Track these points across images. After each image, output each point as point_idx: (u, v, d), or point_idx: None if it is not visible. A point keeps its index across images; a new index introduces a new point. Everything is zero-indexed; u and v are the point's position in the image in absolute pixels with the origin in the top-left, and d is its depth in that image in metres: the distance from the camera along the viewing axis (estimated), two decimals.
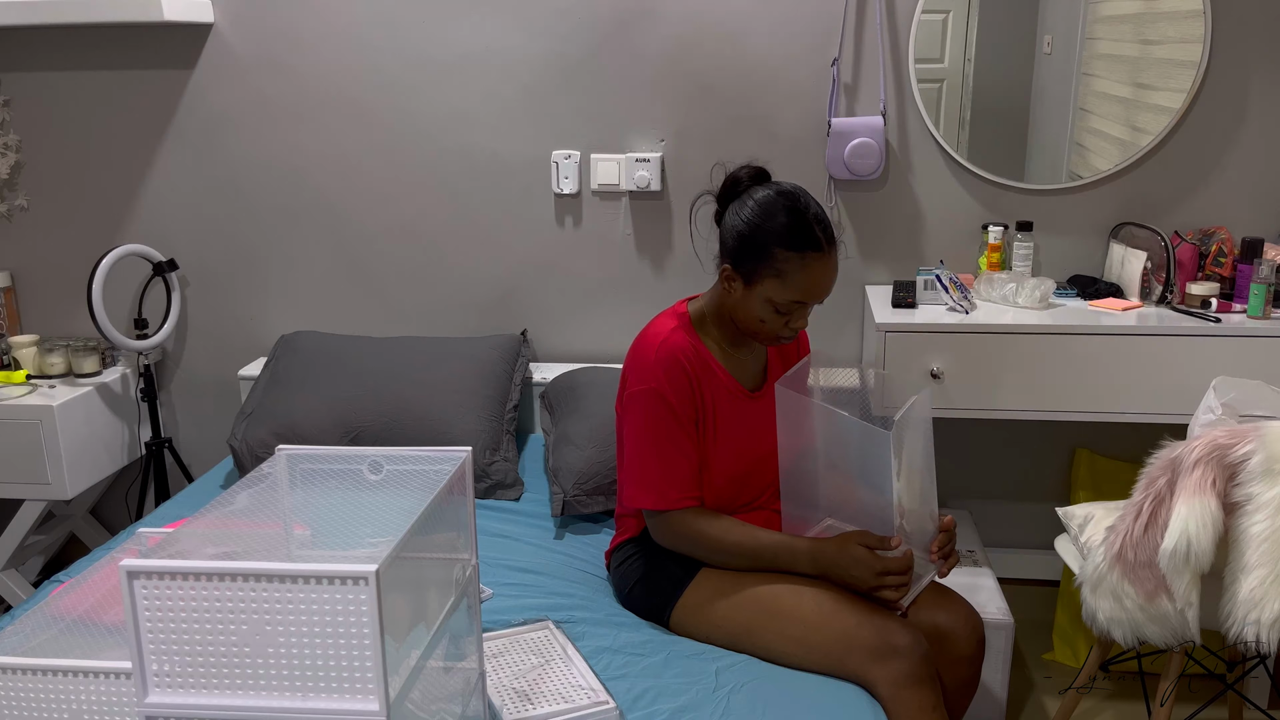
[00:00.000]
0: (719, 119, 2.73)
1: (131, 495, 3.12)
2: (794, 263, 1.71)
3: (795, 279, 1.72)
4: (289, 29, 2.79)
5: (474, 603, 1.40)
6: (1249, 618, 1.70)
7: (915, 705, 1.63)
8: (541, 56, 2.74)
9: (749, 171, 1.81)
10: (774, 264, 1.72)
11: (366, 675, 1.04)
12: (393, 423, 2.50)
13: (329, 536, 1.35)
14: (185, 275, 2.99)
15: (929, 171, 2.71)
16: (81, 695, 1.15)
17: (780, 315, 1.76)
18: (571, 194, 2.82)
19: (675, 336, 1.82)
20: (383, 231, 2.91)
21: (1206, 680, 2.46)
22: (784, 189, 1.76)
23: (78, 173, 2.96)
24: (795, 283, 1.72)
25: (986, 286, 2.57)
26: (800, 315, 1.78)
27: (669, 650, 1.78)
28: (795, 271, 1.71)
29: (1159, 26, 2.54)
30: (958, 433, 2.88)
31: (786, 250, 1.70)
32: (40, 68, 2.89)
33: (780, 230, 1.71)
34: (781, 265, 1.71)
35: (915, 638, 1.67)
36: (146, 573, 1.04)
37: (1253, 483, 1.70)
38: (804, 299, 1.74)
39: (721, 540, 1.80)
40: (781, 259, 1.71)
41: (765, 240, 1.71)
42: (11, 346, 2.85)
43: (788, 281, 1.72)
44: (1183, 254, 2.50)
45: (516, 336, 2.82)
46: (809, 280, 1.72)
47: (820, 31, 2.65)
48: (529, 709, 1.57)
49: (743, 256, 1.75)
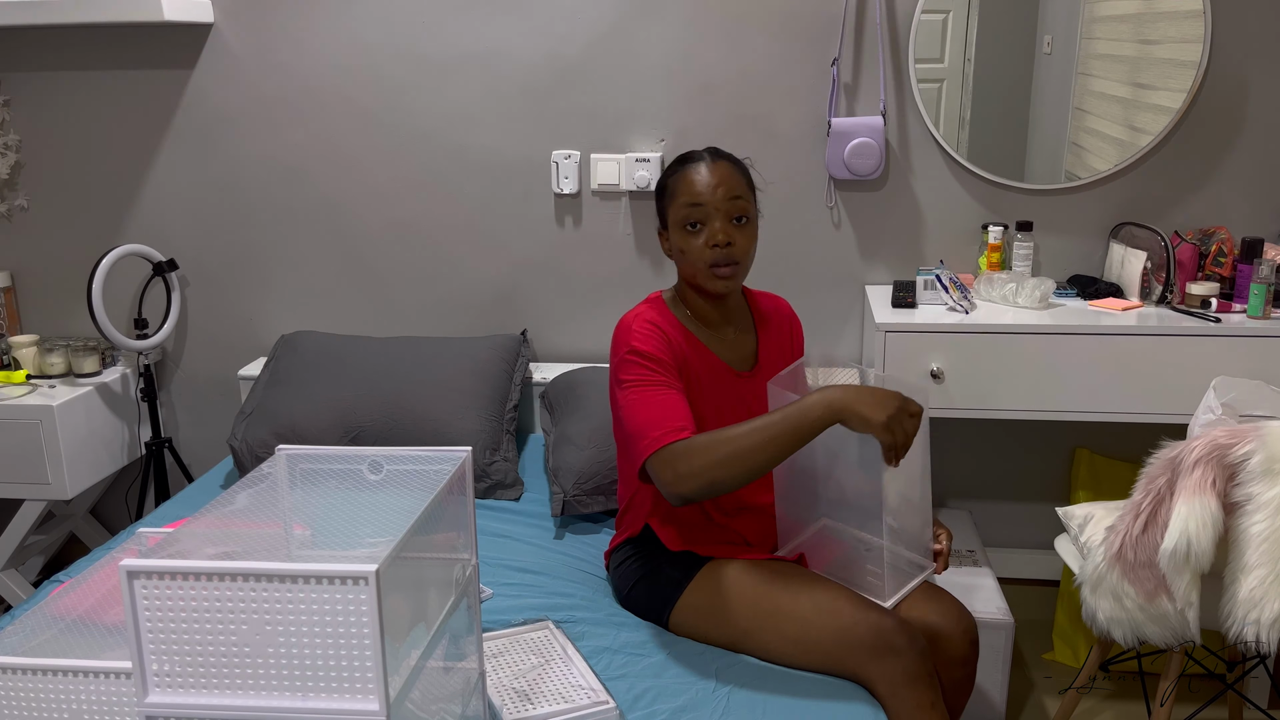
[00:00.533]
0: (719, 119, 2.73)
1: (131, 495, 3.12)
2: (676, 177, 1.86)
3: (680, 188, 1.84)
4: (289, 29, 2.79)
5: (474, 603, 1.40)
6: (1249, 618, 1.70)
7: (914, 703, 1.63)
8: (541, 56, 2.74)
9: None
10: (668, 190, 1.87)
11: (366, 675, 1.04)
12: (393, 423, 2.50)
13: (329, 536, 1.35)
14: (185, 275, 2.99)
15: (929, 171, 2.71)
16: (81, 695, 1.15)
17: (691, 233, 1.83)
18: (571, 194, 2.82)
19: (650, 311, 1.88)
20: (383, 231, 2.91)
21: (1206, 680, 2.46)
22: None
23: (78, 173, 2.96)
24: (681, 190, 1.83)
25: (986, 286, 2.57)
26: (715, 227, 1.82)
27: (669, 650, 1.78)
28: (679, 183, 1.84)
29: (1158, 26, 2.54)
30: (958, 433, 2.88)
31: (672, 174, 1.87)
32: (40, 68, 2.89)
33: (668, 168, 1.90)
34: (671, 187, 1.86)
35: (913, 635, 1.67)
36: (146, 573, 1.04)
37: (1253, 483, 1.71)
38: (694, 200, 1.81)
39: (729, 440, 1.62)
40: (671, 182, 1.87)
41: (662, 179, 1.90)
42: (11, 346, 2.85)
43: (677, 195, 1.84)
44: (1183, 254, 2.50)
45: (516, 336, 2.82)
46: (690, 182, 1.83)
47: (820, 31, 2.65)
48: (529, 709, 1.57)
49: (658, 208, 1.92)
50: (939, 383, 2.41)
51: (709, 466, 1.62)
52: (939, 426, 2.84)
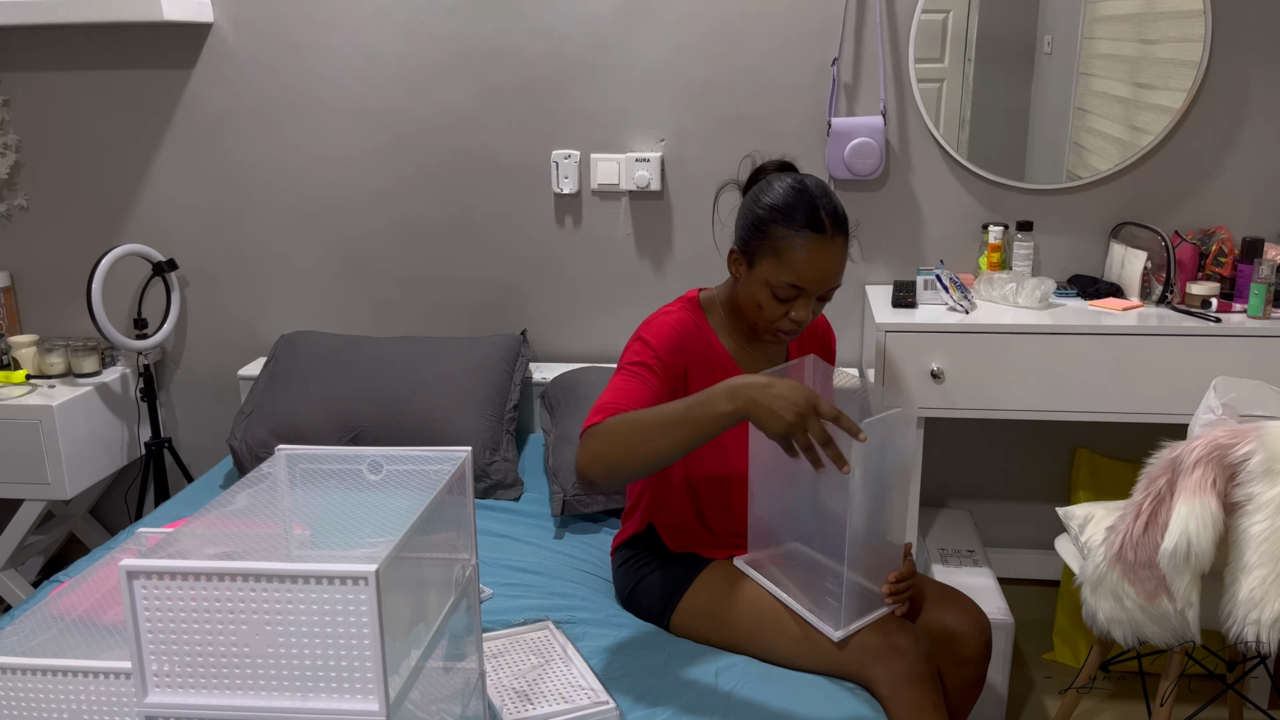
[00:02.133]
0: (719, 119, 2.73)
1: (131, 495, 3.12)
2: (791, 241, 1.66)
3: (791, 259, 1.66)
4: (289, 29, 2.79)
5: (474, 603, 1.40)
6: (1249, 618, 1.70)
7: (916, 704, 1.63)
8: (541, 56, 2.74)
9: (775, 164, 1.81)
10: (772, 241, 1.68)
11: (366, 675, 1.04)
12: (393, 423, 2.50)
13: (329, 536, 1.35)
14: (185, 275, 2.99)
15: (929, 171, 2.71)
16: (81, 695, 1.15)
17: (779, 302, 1.70)
18: (571, 194, 2.82)
19: (682, 316, 1.79)
20: (383, 232, 2.91)
21: (1206, 680, 2.46)
22: (801, 176, 1.73)
23: (78, 173, 2.96)
24: (791, 263, 1.66)
25: (986, 286, 2.57)
26: (803, 306, 1.71)
27: (669, 650, 1.78)
28: (792, 250, 1.66)
29: (1159, 26, 2.54)
30: (957, 433, 2.88)
31: (785, 227, 1.67)
32: (40, 68, 2.89)
33: (781, 207, 1.68)
34: (779, 243, 1.67)
35: (915, 636, 1.67)
36: (146, 573, 1.04)
37: (1253, 483, 1.70)
38: (798, 282, 1.67)
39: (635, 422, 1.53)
40: (779, 236, 1.67)
41: (766, 217, 1.69)
42: (11, 346, 2.85)
43: (784, 260, 1.67)
44: (1183, 254, 2.50)
45: (516, 336, 2.82)
46: (805, 262, 1.66)
47: (820, 31, 2.65)
48: (529, 709, 1.57)
49: (748, 235, 1.72)
50: (939, 383, 2.41)
51: (613, 448, 1.53)
52: (939, 426, 2.84)
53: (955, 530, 2.73)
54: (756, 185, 1.77)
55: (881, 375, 2.41)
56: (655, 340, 1.73)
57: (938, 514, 2.85)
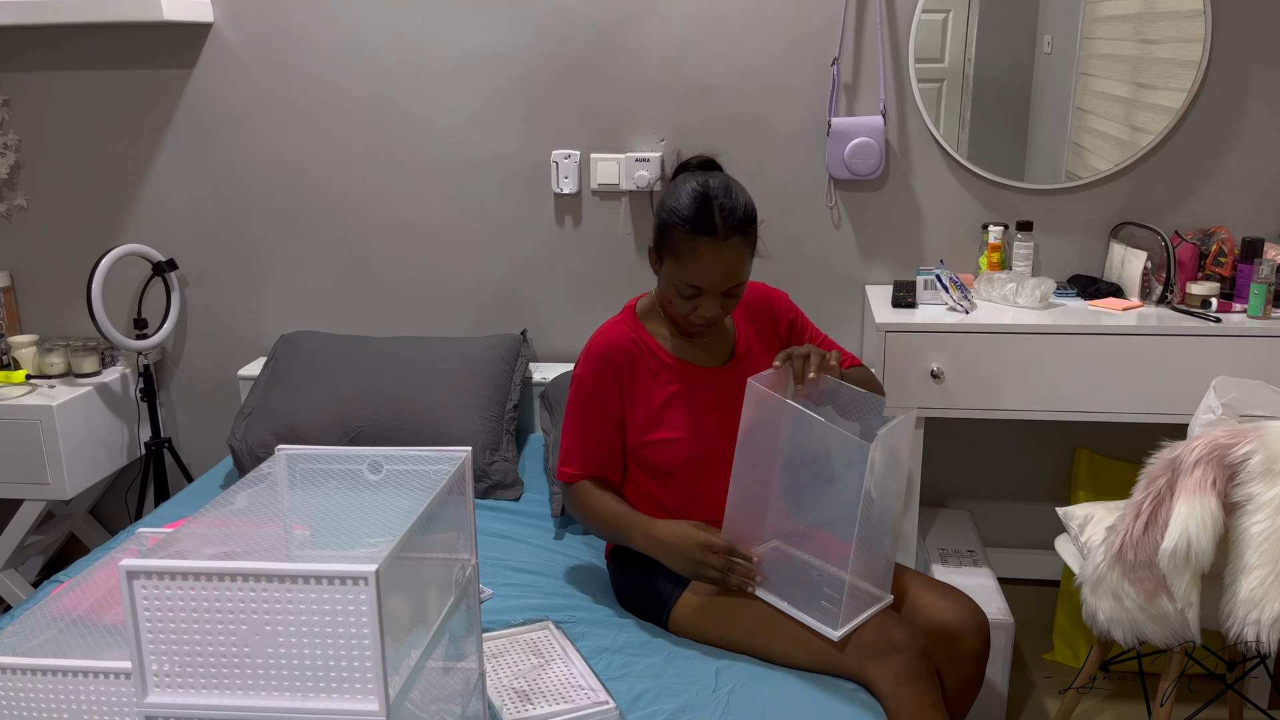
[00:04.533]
0: (719, 119, 2.73)
1: (131, 495, 3.12)
2: (687, 244, 1.75)
3: (687, 261, 1.76)
4: (289, 29, 2.79)
5: (474, 603, 1.40)
6: (1249, 618, 1.70)
7: (914, 701, 1.63)
8: (541, 56, 2.74)
9: (698, 159, 1.88)
10: (673, 243, 1.77)
11: (366, 675, 1.04)
12: (393, 423, 2.50)
13: (329, 536, 1.35)
14: (185, 275, 2.99)
15: (929, 171, 2.71)
16: (81, 695, 1.15)
17: (685, 299, 1.80)
18: (571, 194, 2.82)
19: (614, 330, 1.90)
20: (383, 231, 2.91)
21: (1206, 680, 2.46)
22: (707, 179, 1.79)
23: (78, 173, 2.96)
24: (687, 264, 1.76)
25: (986, 286, 2.57)
26: (707, 304, 1.79)
27: (669, 650, 1.78)
28: (687, 253, 1.75)
29: (1159, 26, 2.54)
30: (958, 433, 2.88)
31: (681, 231, 1.75)
32: (40, 68, 2.89)
33: (679, 210, 1.76)
34: (678, 245, 1.76)
35: (913, 633, 1.67)
36: (146, 573, 1.04)
37: (1253, 483, 1.70)
38: (694, 282, 1.76)
39: (593, 509, 1.90)
40: (677, 238, 1.76)
41: (667, 220, 1.78)
42: (11, 346, 2.85)
43: (682, 262, 1.77)
44: (1183, 254, 2.50)
45: (516, 336, 2.82)
46: (698, 264, 1.75)
47: (820, 31, 2.65)
48: (529, 709, 1.57)
49: (656, 236, 1.82)
50: (939, 383, 2.41)
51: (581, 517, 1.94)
52: (939, 426, 2.84)
53: (955, 530, 2.73)
54: (665, 187, 1.85)
55: (882, 375, 2.41)
56: (586, 375, 1.89)
57: (938, 514, 2.85)
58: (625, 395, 1.90)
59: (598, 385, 1.88)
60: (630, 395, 1.89)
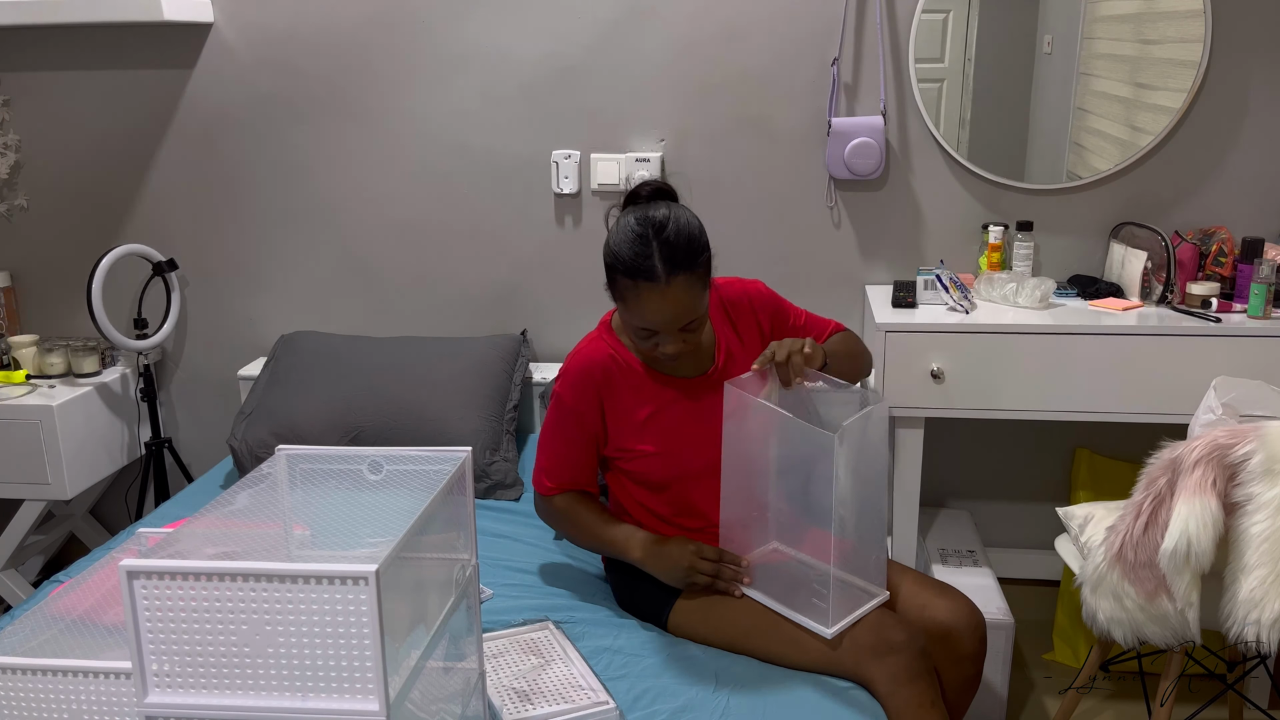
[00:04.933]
0: (719, 119, 2.73)
1: (131, 495, 3.12)
2: (630, 290, 1.71)
3: (633, 305, 1.72)
4: (289, 29, 2.79)
5: (474, 603, 1.40)
6: (1249, 618, 1.70)
7: (914, 701, 1.63)
8: (541, 56, 2.74)
9: (650, 189, 1.81)
10: (619, 289, 1.74)
11: (366, 675, 1.04)
12: (393, 423, 2.50)
13: (329, 536, 1.35)
14: (185, 275, 2.99)
15: (929, 171, 2.71)
16: (81, 695, 1.15)
17: (643, 339, 1.77)
18: (571, 194, 2.82)
19: (591, 348, 1.89)
20: (383, 231, 2.91)
21: (1206, 680, 2.46)
22: (647, 215, 1.72)
23: (78, 173, 2.96)
24: (634, 309, 1.73)
25: (987, 286, 2.57)
26: (667, 341, 1.75)
27: (669, 650, 1.78)
28: (633, 299, 1.71)
29: (1159, 26, 2.54)
30: (958, 433, 2.88)
31: (624, 277, 1.71)
32: (40, 68, 2.89)
33: (620, 257, 1.71)
34: (624, 291, 1.72)
35: (912, 633, 1.67)
36: (146, 573, 1.04)
37: (1253, 483, 1.70)
38: (646, 325, 1.73)
39: (576, 523, 1.93)
40: (622, 285, 1.72)
41: (611, 264, 1.73)
42: (11, 346, 2.85)
43: (630, 307, 1.73)
44: (1183, 254, 2.50)
45: (516, 336, 2.82)
46: (643, 308, 1.71)
47: (820, 31, 2.65)
48: (529, 709, 1.57)
49: (607, 277, 1.77)
50: (939, 383, 2.41)
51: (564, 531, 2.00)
52: (939, 426, 2.84)
53: (955, 530, 2.73)
54: (612, 226, 1.79)
55: (882, 375, 2.41)
56: (566, 392, 1.88)
57: (938, 514, 2.85)
58: (607, 412, 1.88)
59: (576, 404, 1.87)
60: (612, 411, 1.88)
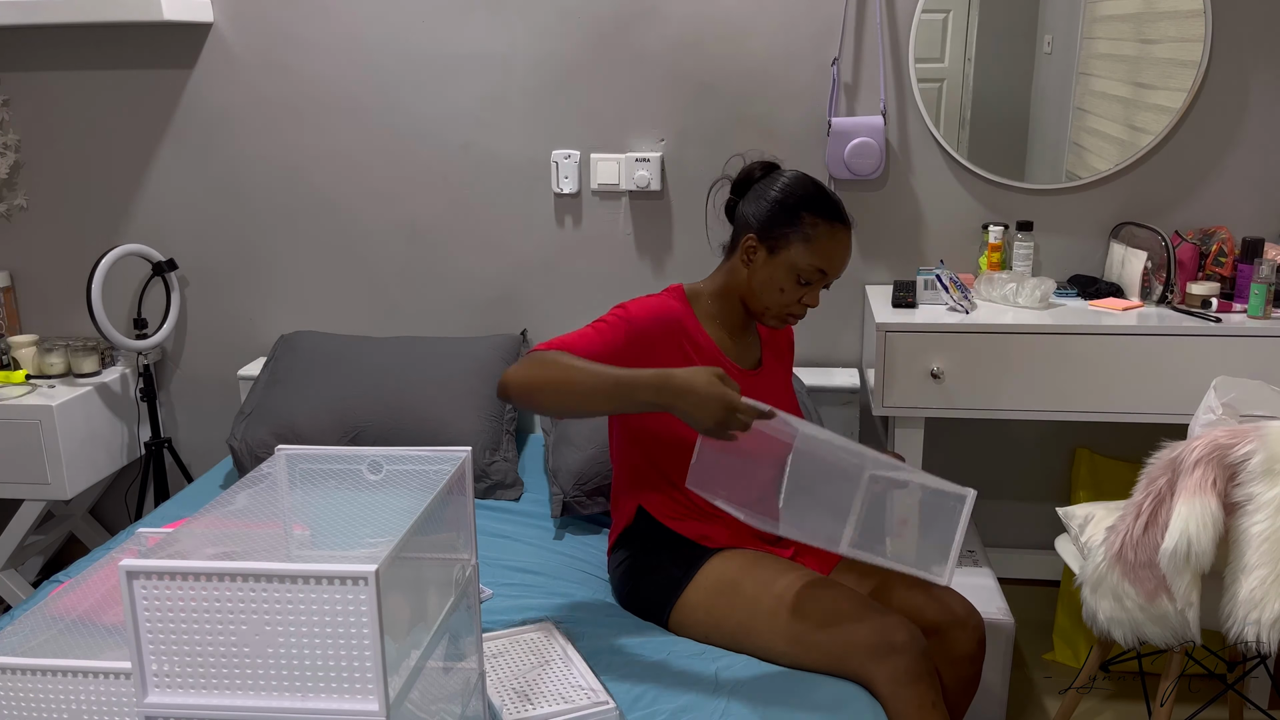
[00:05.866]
0: (719, 119, 2.73)
1: (131, 495, 3.12)
2: (823, 229, 1.81)
3: (822, 245, 1.81)
4: (289, 29, 2.79)
5: (474, 603, 1.40)
6: (1249, 618, 1.70)
7: (915, 702, 1.63)
8: (541, 56, 2.74)
9: (762, 165, 1.94)
10: (803, 228, 1.81)
11: (366, 675, 1.04)
12: (393, 423, 2.50)
13: (329, 536, 1.35)
14: (185, 275, 2.99)
15: (929, 171, 2.71)
16: (81, 695, 1.15)
17: (800, 286, 1.84)
18: (571, 194, 2.82)
19: (667, 300, 1.89)
20: (383, 231, 2.91)
21: (1207, 680, 2.46)
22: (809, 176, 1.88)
23: (78, 173, 2.96)
24: (821, 249, 1.81)
25: (987, 286, 2.57)
26: (815, 290, 1.86)
27: (669, 650, 1.78)
28: (823, 238, 1.81)
29: (1159, 26, 2.54)
30: (958, 433, 2.88)
31: (817, 216, 1.81)
32: (40, 68, 2.89)
33: (813, 198, 1.83)
34: (810, 230, 1.81)
35: (914, 634, 1.67)
36: (146, 573, 1.04)
37: (1253, 483, 1.70)
38: (825, 268, 1.83)
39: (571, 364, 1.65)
40: (810, 223, 1.81)
41: (798, 206, 1.82)
42: (11, 346, 2.85)
43: (815, 247, 1.81)
44: (1183, 254, 2.50)
45: (516, 336, 2.82)
46: (833, 249, 1.82)
47: (820, 31, 2.65)
48: (529, 709, 1.57)
49: (773, 223, 1.83)
50: (939, 383, 2.41)
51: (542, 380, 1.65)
52: (939, 426, 2.84)
53: None
54: (771, 177, 1.89)
55: (881, 375, 2.41)
56: (635, 309, 1.83)
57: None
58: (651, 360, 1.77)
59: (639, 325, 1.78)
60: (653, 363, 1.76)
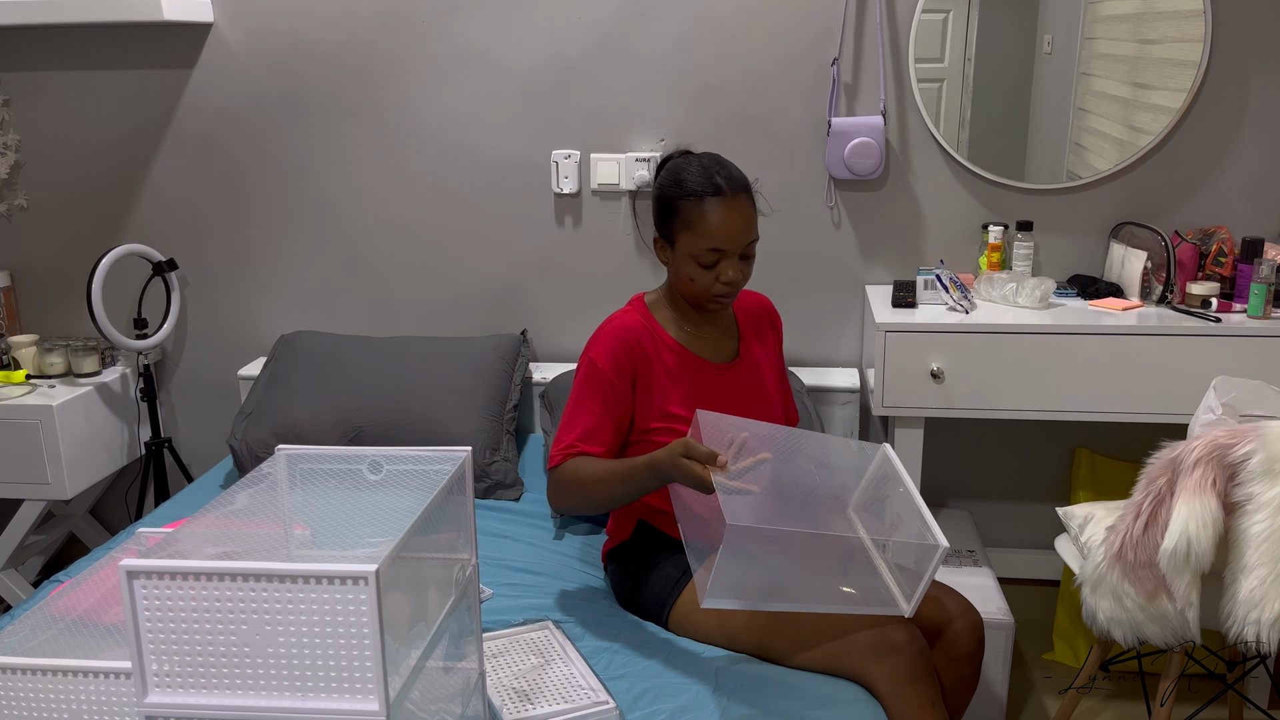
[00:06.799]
0: (719, 119, 2.73)
1: (131, 495, 3.12)
2: (696, 209, 1.79)
3: (704, 225, 1.79)
4: (289, 29, 2.79)
5: (474, 603, 1.40)
6: (1249, 618, 1.70)
7: (914, 702, 1.63)
8: (541, 56, 2.74)
9: (679, 153, 1.94)
10: (681, 215, 1.81)
11: (366, 675, 1.04)
12: (393, 423, 2.50)
13: (329, 536, 1.35)
14: (185, 275, 2.99)
15: (929, 171, 2.71)
16: (81, 695, 1.15)
17: (706, 269, 1.82)
18: (571, 194, 2.82)
19: (627, 318, 1.90)
20: (383, 231, 2.91)
21: (1206, 680, 2.46)
22: (696, 154, 1.88)
23: (78, 173, 2.95)
24: (704, 229, 1.79)
25: (986, 286, 2.57)
26: (729, 266, 1.82)
27: (669, 650, 1.78)
28: (699, 218, 1.79)
29: (1158, 26, 2.54)
30: (958, 433, 2.88)
31: (687, 199, 1.80)
32: (40, 68, 2.89)
33: (680, 182, 1.82)
34: (688, 215, 1.80)
35: (913, 634, 1.67)
36: (146, 573, 1.04)
37: (1253, 483, 1.70)
38: (716, 245, 1.79)
39: (586, 473, 1.77)
40: (686, 208, 1.80)
41: (670, 195, 1.83)
42: (11, 346, 2.85)
43: (696, 230, 1.79)
44: (1183, 254, 2.50)
45: (516, 336, 2.82)
46: (714, 224, 1.78)
47: (820, 31, 2.65)
48: (529, 709, 1.57)
49: (660, 219, 1.86)
50: (939, 383, 2.41)
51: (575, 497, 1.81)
52: (939, 426, 2.84)
53: (955, 530, 2.73)
54: (658, 176, 1.91)
55: (881, 375, 2.41)
56: (602, 358, 1.85)
57: (938, 514, 2.84)
58: (638, 385, 1.87)
59: (613, 376, 1.84)
60: (643, 386, 1.87)
